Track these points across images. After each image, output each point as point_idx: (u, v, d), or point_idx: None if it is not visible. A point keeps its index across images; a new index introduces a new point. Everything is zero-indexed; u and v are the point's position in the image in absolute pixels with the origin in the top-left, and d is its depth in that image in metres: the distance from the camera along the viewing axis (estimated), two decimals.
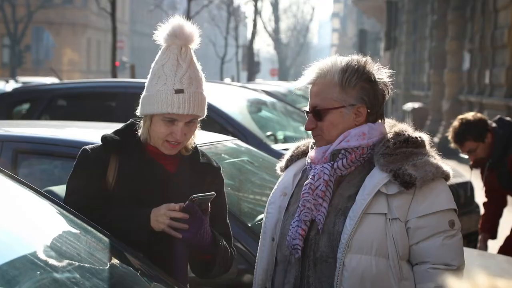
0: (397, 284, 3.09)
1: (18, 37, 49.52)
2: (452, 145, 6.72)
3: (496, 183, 6.60)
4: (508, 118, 6.88)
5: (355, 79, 3.20)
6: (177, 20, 3.49)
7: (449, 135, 6.77)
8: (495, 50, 19.26)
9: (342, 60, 3.27)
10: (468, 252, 3.89)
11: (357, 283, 3.10)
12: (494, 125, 6.62)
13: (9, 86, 26.59)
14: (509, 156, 6.34)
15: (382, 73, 3.28)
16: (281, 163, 3.50)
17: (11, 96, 9.14)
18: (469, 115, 6.73)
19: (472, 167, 6.93)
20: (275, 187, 3.45)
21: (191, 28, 3.48)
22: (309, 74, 3.28)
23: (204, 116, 3.52)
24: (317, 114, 3.23)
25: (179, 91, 3.38)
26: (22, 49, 50.19)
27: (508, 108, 17.18)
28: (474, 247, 7.35)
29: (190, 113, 3.40)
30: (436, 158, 3.22)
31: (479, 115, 6.79)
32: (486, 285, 0.99)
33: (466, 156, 7.18)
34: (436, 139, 21.89)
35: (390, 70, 3.34)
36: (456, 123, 6.73)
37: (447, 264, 3.10)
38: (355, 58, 3.28)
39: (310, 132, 3.29)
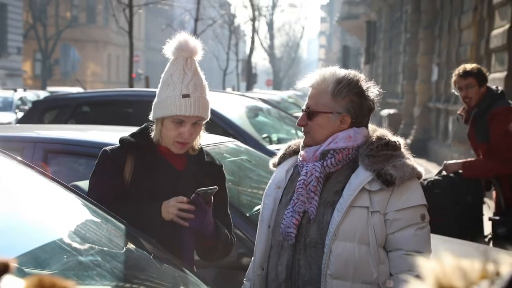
0: (376, 268, 3.09)
1: (49, 53, 49.56)
2: (454, 78, 6.69)
3: (474, 137, 6.56)
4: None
5: (346, 91, 3.19)
6: (182, 36, 3.51)
7: (457, 72, 6.76)
8: (459, 64, 19.09)
9: (340, 72, 3.26)
10: (435, 238, 3.90)
11: (342, 266, 3.10)
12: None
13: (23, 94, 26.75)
14: (491, 111, 6.31)
15: (372, 90, 3.26)
16: (274, 159, 3.49)
17: (43, 103, 9.12)
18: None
19: (465, 121, 6.80)
20: (270, 181, 3.44)
21: (195, 42, 3.50)
22: (311, 78, 3.29)
23: (208, 119, 3.52)
24: (308, 114, 3.23)
25: (185, 96, 3.39)
26: (52, 63, 50.23)
27: None
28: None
29: (196, 114, 3.40)
30: (411, 160, 3.22)
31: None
32: (451, 264, 0.99)
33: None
34: (408, 141, 21.91)
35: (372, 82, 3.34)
36: (468, 64, 6.88)
37: (417, 251, 3.11)
38: (352, 73, 3.28)
39: (300, 134, 3.29)
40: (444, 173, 6.85)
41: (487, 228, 6.71)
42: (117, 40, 57.55)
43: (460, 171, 6.69)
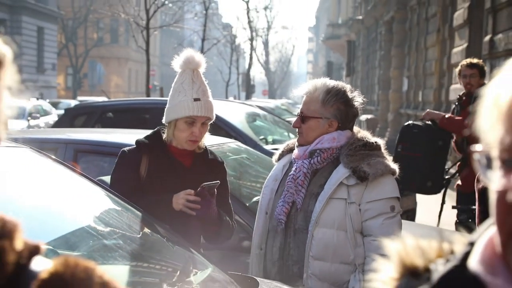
0: (352, 250, 3.09)
1: (78, 68, 49.54)
2: (460, 67, 6.89)
3: (467, 115, 6.63)
4: None
5: (334, 100, 3.20)
6: (188, 51, 3.53)
7: (464, 63, 6.95)
8: (425, 77, 19.29)
9: (330, 83, 3.26)
10: (405, 223, 3.89)
11: (322, 249, 3.10)
12: None
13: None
14: None
15: (356, 99, 3.26)
16: (275, 156, 3.50)
17: (73, 110, 9.11)
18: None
19: (463, 102, 6.85)
20: (270, 174, 3.45)
21: (199, 57, 3.52)
22: (304, 87, 3.30)
23: (213, 119, 3.53)
24: (302, 118, 3.24)
25: (197, 100, 3.41)
26: (81, 76, 50.24)
27: None
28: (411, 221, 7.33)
29: (205, 115, 3.42)
30: (387, 159, 3.21)
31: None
32: (413, 245, 0.99)
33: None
34: (383, 141, 21.87)
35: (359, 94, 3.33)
36: (475, 59, 7.06)
37: (385, 237, 3.09)
38: (340, 84, 3.28)
39: (291, 136, 3.30)
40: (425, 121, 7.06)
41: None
42: (136, 57, 57.64)
43: (437, 121, 6.86)
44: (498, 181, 0.85)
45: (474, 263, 0.90)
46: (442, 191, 7.14)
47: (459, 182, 6.83)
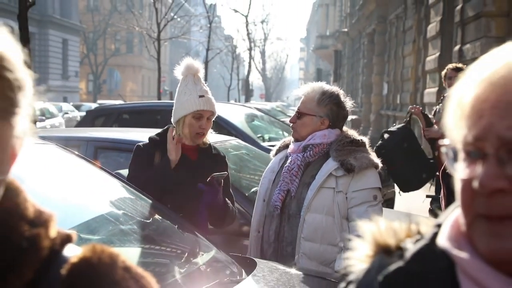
0: (339, 234, 3.10)
1: (98, 75, 49.54)
2: (446, 71, 6.48)
3: None
4: None
5: (328, 101, 3.21)
6: (188, 60, 3.56)
7: (450, 66, 6.60)
8: (403, 82, 19.28)
9: (326, 87, 3.28)
10: (385, 211, 3.90)
11: (312, 232, 3.11)
12: None
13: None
14: None
15: (347, 103, 3.27)
16: (273, 151, 3.50)
17: (94, 112, 9.10)
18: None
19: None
20: (268, 167, 3.46)
21: (197, 63, 3.55)
22: (304, 88, 3.31)
23: (216, 115, 3.55)
24: (298, 114, 3.25)
25: (201, 96, 3.44)
26: (101, 82, 50.27)
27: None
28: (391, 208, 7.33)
29: (210, 109, 3.45)
30: (371, 154, 3.22)
31: None
32: (386, 226, 1.00)
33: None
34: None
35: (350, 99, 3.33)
36: (460, 64, 6.84)
37: None
38: (334, 88, 3.30)
39: (285, 134, 3.30)
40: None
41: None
42: (149, 65, 57.55)
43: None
44: (463, 171, 0.86)
45: (442, 240, 0.92)
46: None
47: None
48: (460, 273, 0.89)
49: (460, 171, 0.87)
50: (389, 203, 7.67)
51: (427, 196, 6.62)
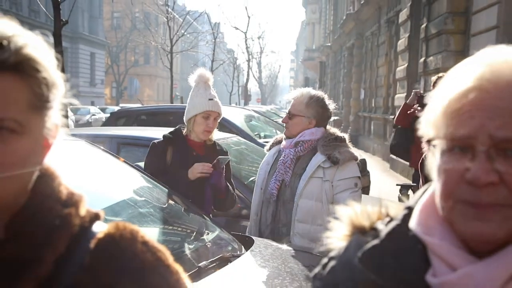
0: (326, 216, 3.09)
1: (120, 82, 49.35)
2: (435, 79, 5.70)
3: None
4: None
5: (315, 104, 3.21)
6: (200, 70, 3.58)
7: (440, 75, 5.98)
8: (377, 89, 19.29)
9: (313, 92, 3.27)
10: (362, 196, 3.90)
11: (304, 215, 3.11)
12: None
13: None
14: None
15: (331, 105, 3.27)
16: (267, 146, 3.49)
17: (116, 114, 9.09)
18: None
19: None
20: (263, 160, 3.45)
21: (208, 73, 3.57)
22: (294, 93, 3.30)
23: (222, 116, 3.55)
24: (289, 115, 3.24)
25: (211, 99, 3.46)
26: (122, 89, 50.06)
27: (384, 119, 17.18)
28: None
29: (217, 111, 3.48)
30: (351, 149, 3.22)
31: None
32: (361, 210, 1.00)
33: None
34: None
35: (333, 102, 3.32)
36: (441, 74, 6.16)
37: None
38: (320, 93, 3.29)
39: (278, 132, 3.29)
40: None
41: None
42: (163, 74, 57.46)
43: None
44: (447, 162, 0.85)
45: (413, 225, 0.90)
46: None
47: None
48: (429, 251, 0.88)
49: (444, 163, 0.85)
50: (365, 190, 7.67)
51: (397, 185, 6.62)
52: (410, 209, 0.94)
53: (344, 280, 0.95)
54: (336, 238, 1.02)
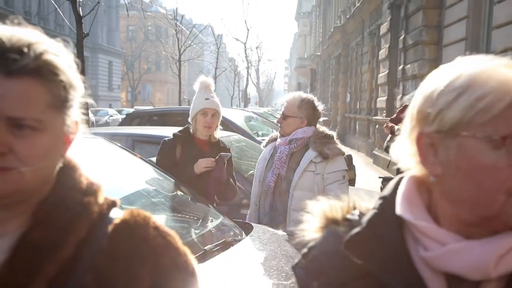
0: None
1: (135, 87, 49.33)
2: None
3: None
4: None
5: (306, 106, 3.19)
6: (202, 77, 3.58)
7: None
8: (361, 93, 19.28)
9: (304, 95, 3.26)
10: (350, 188, 3.89)
11: (298, 204, 3.09)
12: None
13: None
14: None
15: (320, 107, 3.26)
16: (263, 143, 3.48)
17: (131, 115, 9.07)
18: None
19: None
20: (260, 156, 3.43)
21: (209, 80, 3.55)
22: (287, 96, 3.28)
23: (221, 113, 3.52)
24: (283, 116, 3.22)
25: (207, 99, 3.45)
26: (136, 93, 50.02)
27: (368, 120, 17.17)
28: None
29: (213, 107, 3.44)
30: (338, 145, 3.21)
31: None
32: (334, 203, 0.98)
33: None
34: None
35: (322, 104, 3.32)
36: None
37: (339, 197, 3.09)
38: (310, 96, 3.28)
39: (274, 131, 3.27)
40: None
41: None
42: (172, 80, 57.26)
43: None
44: (495, 157, 0.79)
45: (401, 212, 0.87)
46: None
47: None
48: (407, 233, 0.87)
49: (491, 159, 0.78)
50: (351, 182, 7.64)
51: (379, 177, 6.61)
52: (385, 199, 0.92)
53: (327, 268, 0.93)
54: (310, 231, 0.99)
